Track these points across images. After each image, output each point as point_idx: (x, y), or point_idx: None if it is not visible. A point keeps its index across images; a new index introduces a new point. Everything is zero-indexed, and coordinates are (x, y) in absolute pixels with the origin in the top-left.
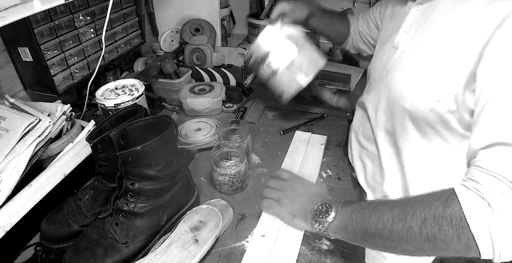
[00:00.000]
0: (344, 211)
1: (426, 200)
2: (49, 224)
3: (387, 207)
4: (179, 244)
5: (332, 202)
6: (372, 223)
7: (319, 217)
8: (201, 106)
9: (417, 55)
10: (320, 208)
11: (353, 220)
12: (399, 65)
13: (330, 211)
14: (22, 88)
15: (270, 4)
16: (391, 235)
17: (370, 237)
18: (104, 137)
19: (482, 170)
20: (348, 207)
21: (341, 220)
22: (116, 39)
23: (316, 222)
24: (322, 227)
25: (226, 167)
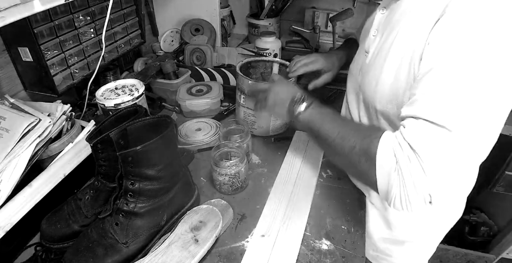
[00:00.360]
0: (314, 110)
1: (363, 133)
2: (49, 224)
3: (340, 124)
4: (179, 244)
5: (307, 98)
6: (324, 130)
7: (293, 106)
8: (200, 108)
9: (383, 58)
10: (297, 100)
11: (315, 120)
12: (370, 68)
13: (303, 102)
14: (22, 88)
15: (270, 4)
16: (331, 145)
17: (319, 138)
18: (104, 137)
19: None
20: (317, 109)
21: (309, 115)
22: (116, 39)
23: (290, 110)
24: (293, 115)
25: (226, 167)
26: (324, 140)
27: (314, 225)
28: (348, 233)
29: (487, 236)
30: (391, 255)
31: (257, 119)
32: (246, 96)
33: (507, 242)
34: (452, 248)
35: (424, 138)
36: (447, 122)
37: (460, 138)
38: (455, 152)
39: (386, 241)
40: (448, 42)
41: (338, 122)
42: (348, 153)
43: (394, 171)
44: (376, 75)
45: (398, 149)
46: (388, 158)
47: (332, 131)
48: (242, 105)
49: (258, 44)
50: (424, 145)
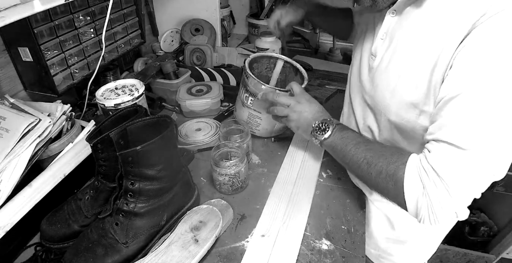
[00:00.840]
0: (337, 135)
1: (389, 158)
2: (49, 224)
3: (364, 148)
4: (179, 244)
5: (330, 123)
6: (349, 155)
7: (317, 133)
8: (200, 108)
9: (396, 67)
10: (320, 126)
11: (339, 145)
12: (381, 75)
13: (327, 130)
14: (22, 88)
15: (270, 4)
16: (357, 170)
17: (345, 162)
18: (104, 137)
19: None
20: (341, 132)
21: (332, 141)
22: (116, 39)
23: (314, 136)
24: (317, 141)
25: (226, 167)
26: (349, 165)
27: (314, 225)
28: (348, 233)
29: (487, 236)
30: (392, 254)
31: (263, 122)
32: (255, 99)
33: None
34: (452, 248)
35: (449, 163)
36: (473, 148)
37: (484, 163)
38: (478, 176)
39: (388, 240)
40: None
41: (363, 147)
42: (375, 179)
43: (422, 195)
44: (390, 86)
45: (424, 175)
46: (415, 184)
47: (358, 157)
48: (248, 106)
49: (258, 44)
50: (449, 170)
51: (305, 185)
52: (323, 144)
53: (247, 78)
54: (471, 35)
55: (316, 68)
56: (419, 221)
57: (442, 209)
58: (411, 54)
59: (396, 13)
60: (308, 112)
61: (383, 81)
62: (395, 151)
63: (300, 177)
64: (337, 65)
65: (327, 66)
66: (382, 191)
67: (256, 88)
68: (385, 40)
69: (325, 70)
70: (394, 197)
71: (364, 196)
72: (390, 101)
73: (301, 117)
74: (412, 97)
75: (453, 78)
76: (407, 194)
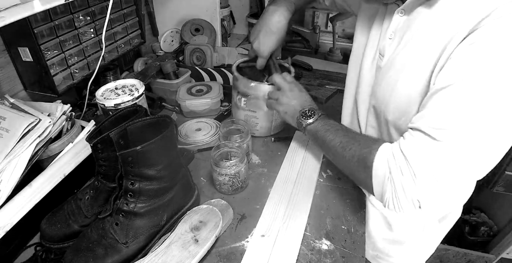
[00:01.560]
0: (320, 122)
1: (363, 143)
2: (49, 224)
3: (342, 134)
4: (179, 244)
5: (316, 111)
6: (327, 140)
7: (302, 118)
8: (200, 108)
9: (400, 65)
10: (306, 112)
11: (320, 131)
12: (385, 74)
13: (311, 117)
14: (22, 88)
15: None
16: (333, 153)
17: (323, 148)
18: (104, 137)
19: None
20: (324, 120)
21: (315, 126)
22: (116, 39)
23: (298, 121)
24: (302, 126)
25: (226, 167)
26: (327, 150)
27: (314, 225)
28: (348, 233)
29: (487, 236)
30: (390, 254)
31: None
32: (247, 99)
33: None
34: (452, 248)
35: (420, 151)
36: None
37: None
38: (449, 170)
39: (385, 241)
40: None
41: (341, 133)
42: (348, 162)
43: (387, 179)
44: (391, 84)
45: (391, 160)
46: (383, 168)
47: (335, 141)
48: (242, 108)
49: None
50: (418, 158)
51: (305, 185)
52: (306, 130)
53: (237, 80)
54: (472, 35)
55: (316, 68)
56: (384, 205)
57: (405, 195)
58: (413, 54)
59: (404, 12)
60: (297, 100)
61: (384, 80)
62: (371, 138)
63: (300, 177)
64: (337, 65)
65: (327, 66)
66: (353, 175)
67: (246, 87)
68: (393, 39)
69: (325, 70)
70: (363, 181)
71: (364, 196)
72: (389, 100)
73: (290, 103)
74: (409, 96)
75: (445, 71)
76: (374, 177)
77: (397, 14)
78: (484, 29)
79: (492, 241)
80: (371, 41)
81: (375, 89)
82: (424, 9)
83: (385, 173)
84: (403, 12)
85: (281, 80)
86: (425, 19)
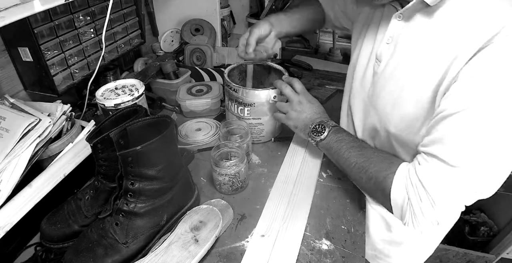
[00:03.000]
0: (332, 137)
1: (379, 165)
2: (49, 224)
3: (357, 153)
4: (179, 244)
5: (327, 126)
6: (342, 158)
7: (313, 134)
8: (200, 108)
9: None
10: (316, 127)
11: (334, 148)
12: (384, 82)
13: (323, 132)
14: (22, 88)
15: (270, 4)
16: (349, 172)
17: (339, 164)
18: (104, 137)
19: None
20: (336, 135)
21: (327, 142)
22: (116, 39)
23: (310, 137)
24: (314, 142)
25: (226, 167)
26: (343, 168)
27: (314, 225)
28: (348, 233)
29: (487, 236)
30: (389, 255)
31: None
32: (251, 108)
33: (507, 242)
34: (452, 248)
35: (437, 178)
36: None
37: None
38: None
39: (384, 241)
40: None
41: (355, 151)
42: (365, 183)
43: (406, 205)
44: (392, 97)
45: (410, 187)
46: (401, 194)
47: (350, 161)
48: (245, 118)
49: None
50: (436, 185)
51: (305, 185)
52: (318, 145)
53: (236, 91)
54: (480, 55)
55: (316, 68)
56: (404, 224)
57: (424, 219)
58: (417, 66)
59: (402, 17)
60: (307, 113)
61: (385, 90)
62: (386, 157)
63: (300, 177)
64: (337, 65)
65: (327, 66)
66: (371, 195)
67: (250, 96)
68: (391, 44)
69: (325, 70)
70: (382, 202)
71: (364, 196)
72: (391, 112)
73: (300, 117)
74: (414, 111)
75: (456, 94)
76: (393, 202)
77: (395, 18)
78: (493, 48)
79: (492, 241)
80: (365, 45)
81: (375, 99)
82: (424, 17)
83: (404, 199)
84: (401, 16)
85: (289, 91)
86: (425, 29)
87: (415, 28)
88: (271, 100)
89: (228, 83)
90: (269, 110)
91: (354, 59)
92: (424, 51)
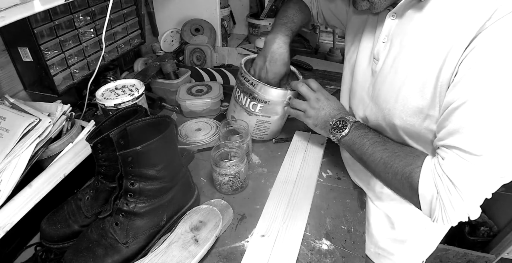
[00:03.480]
0: (354, 133)
1: (405, 159)
2: (49, 224)
3: (381, 148)
4: (179, 244)
5: (348, 122)
6: (366, 154)
7: (335, 131)
8: (200, 108)
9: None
10: (338, 124)
11: (357, 144)
12: (383, 79)
13: (344, 128)
14: (22, 88)
15: (270, 4)
16: (374, 168)
17: (362, 161)
18: (104, 137)
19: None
20: (359, 131)
21: (350, 138)
22: (116, 39)
23: (332, 134)
24: (335, 138)
25: (226, 167)
26: (367, 164)
27: (314, 225)
28: (348, 233)
29: (487, 236)
30: (392, 252)
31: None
32: (264, 105)
33: (507, 242)
34: (452, 248)
35: (462, 170)
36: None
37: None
38: (490, 180)
39: (388, 239)
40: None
41: (379, 147)
42: (391, 179)
43: (436, 199)
44: (393, 91)
45: (438, 181)
46: (430, 188)
47: (375, 157)
48: (256, 113)
49: (258, 44)
50: (462, 176)
51: (305, 185)
52: (340, 142)
53: (254, 85)
54: (478, 38)
55: (316, 68)
56: (433, 220)
57: (455, 212)
58: (415, 59)
59: (396, 16)
60: (326, 110)
61: (386, 85)
62: (410, 152)
63: (300, 177)
64: (337, 65)
65: (327, 66)
66: (397, 191)
67: (268, 93)
68: (387, 43)
69: (325, 70)
70: (409, 198)
71: (364, 196)
72: (394, 106)
73: (319, 114)
74: (417, 102)
75: (462, 83)
76: (422, 197)
77: (389, 17)
78: (490, 31)
79: (492, 241)
80: (363, 45)
81: (376, 97)
82: (415, 12)
83: (433, 194)
84: (395, 15)
85: (306, 89)
86: (418, 23)
87: (409, 25)
88: (285, 101)
89: (245, 76)
90: (281, 110)
91: (352, 59)
92: (420, 45)
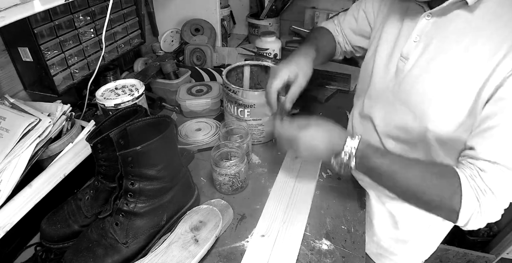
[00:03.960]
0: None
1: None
2: (49, 224)
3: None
4: (179, 244)
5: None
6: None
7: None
8: (200, 108)
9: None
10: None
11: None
12: (415, 80)
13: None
14: (22, 88)
15: (270, 4)
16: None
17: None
18: (104, 137)
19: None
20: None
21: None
22: (116, 39)
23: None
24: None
25: (226, 167)
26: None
27: (314, 225)
28: (348, 233)
29: (487, 236)
30: (394, 253)
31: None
32: (251, 109)
33: (507, 242)
34: (452, 248)
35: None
36: None
37: None
38: None
39: (390, 239)
40: None
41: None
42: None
43: (477, 213)
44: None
45: (481, 195)
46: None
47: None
48: (246, 119)
49: (258, 44)
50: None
51: (305, 185)
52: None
53: (235, 93)
54: None
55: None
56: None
57: (490, 219)
58: (457, 65)
59: (432, 16)
60: (317, 140)
61: (417, 87)
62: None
63: (300, 177)
64: (337, 65)
65: (327, 66)
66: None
67: (250, 97)
68: (418, 43)
69: (325, 70)
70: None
71: (364, 196)
72: (428, 110)
73: (310, 147)
74: (454, 110)
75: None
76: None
77: (424, 17)
78: None
79: (492, 241)
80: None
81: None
82: (461, 16)
83: (474, 208)
84: (430, 15)
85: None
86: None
87: (449, 26)
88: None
89: (227, 85)
90: (269, 110)
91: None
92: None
